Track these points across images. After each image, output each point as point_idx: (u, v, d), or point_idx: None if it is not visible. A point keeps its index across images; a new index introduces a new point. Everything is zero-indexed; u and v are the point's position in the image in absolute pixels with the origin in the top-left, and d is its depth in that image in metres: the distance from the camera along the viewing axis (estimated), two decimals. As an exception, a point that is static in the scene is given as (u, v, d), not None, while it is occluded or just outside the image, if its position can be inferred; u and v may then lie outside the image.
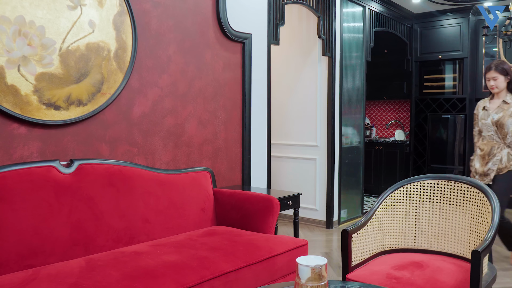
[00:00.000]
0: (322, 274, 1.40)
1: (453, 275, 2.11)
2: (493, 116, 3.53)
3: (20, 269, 2.10)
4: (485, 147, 3.59)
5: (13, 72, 2.31)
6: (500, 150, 3.52)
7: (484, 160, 3.59)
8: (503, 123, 3.47)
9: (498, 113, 3.52)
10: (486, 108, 3.61)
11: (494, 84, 3.51)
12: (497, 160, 3.52)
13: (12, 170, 2.20)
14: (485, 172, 3.58)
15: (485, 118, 3.59)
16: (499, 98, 3.58)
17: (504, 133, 3.50)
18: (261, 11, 3.97)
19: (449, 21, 6.53)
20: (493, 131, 3.55)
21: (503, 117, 3.49)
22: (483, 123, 3.60)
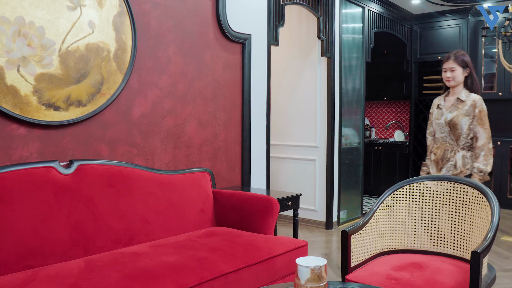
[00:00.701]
0: (322, 275, 1.40)
1: (452, 276, 2.11)
2: (446, 115, 3.11)
3: (19, 269, 2.09)
4: (438, 151, 3.18)
5: (12, 72, 2.31)
6: (454, 154, 3.09)
7: (438, 166, 3.18)
8: (457, 123, 3.04)
9: (452, 112, 3.09)
10: (441, 106, 3.19)
11: (451, 76, 3.09)
12: (451, 165, 3.09)
13: (11, 171, 2.20)
14: None
15: (438, 118, 3.18)
16: (454, 95, 3.15)
17: (457, 134, 3.07)
18: (261, 11, 3.97)
19: (448, 22, 6.53)
20: (446, 133, 3.12)
21: (456, 116, 3.05)
22: (437, 123, 3.18)
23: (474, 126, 3.02)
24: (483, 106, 3.02)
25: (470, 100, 3.04)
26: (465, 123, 3.03)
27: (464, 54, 3.11)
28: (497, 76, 6.39)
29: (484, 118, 3.00)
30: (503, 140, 6.32)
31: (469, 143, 3.06)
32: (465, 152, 3.06)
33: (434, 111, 3.24)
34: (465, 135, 3.05)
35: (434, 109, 3.25)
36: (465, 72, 3.09)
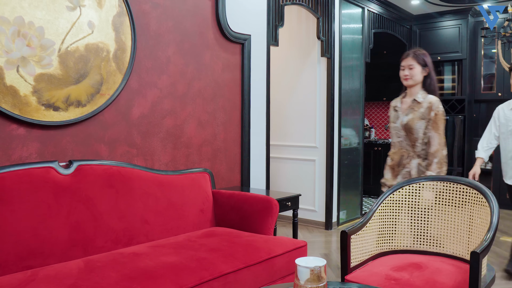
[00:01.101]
0: (321, 275, 1.40)
1: (452, 276, 2.11)
2: (402, 118, 2.87)
3: (18, 270, 2.09)
4: (395, 156, 2.94)
5: (12, 72, 2.31)
6: (409, 160, 2.85)
7: (394, 172, 2.96)
8: (412, 126, 2.80)
9: (408, 114, 2.85)
10: (397, 108, 2.95)
11: (408, 74, 2.85)
12: (406, 172, 2.86)
13: (11, 171, 2.19)
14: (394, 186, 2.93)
15: (394, 121, 2.93)
16: (411, 96, 2.91)
17: (413, 139, 2.82)
18: (261, 12, 3.97)
19: (448, 22, 6.54)
20: (402, 137, 2.88)
21: (412, 119, 2.81)
22: (393, 127, 2.93)
23: (428, 131, 2.78)
24: (440, 109, 2.78)
25: (427, 102, 2.81)
26: (420, 127, 2.79)
27: (425, 54, 2.90)
28: (496, 76, 6.39)
29: (439, 122, 2.76)
30: (502, 140, 6.31)
31: (426, 150, 2.83)
32: (421, 160, 2.82)
33: (392, 114, 2.99)
34: (421, 140, 2.81)
35: (391, 112, 3.01)
36: (424, 71, 2.86)
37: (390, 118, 2.99)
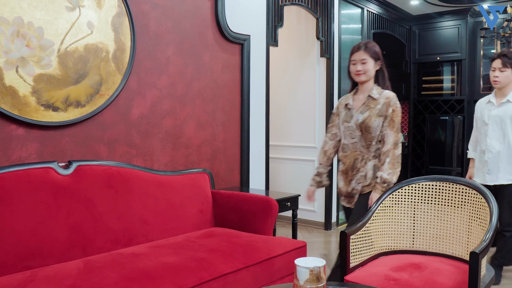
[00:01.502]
0: (321, 276, 1.40)
1: (451, 276, 2.11)
2: (357, 116, 2.62)
3: (18, 270, 2.09)
4: (348, 160, 2.68)
5: (11, 73, 2.31)
6: (364, 163, 2.61)
7: (347, 178, 2.68)
8: (369, 125, 2.57)
9: (364, 112, 2.61)
10: (349, 106, 2.69)
11: (361, 69, 2.60)
12: (361, 177, 2.62)
13: (10, 172, 2.19)
14: (349, 192, 2.68)
15: (348, 120, 2.67)
16: (364, 93, 2.67)
17: (369, 139, 2.59)
18: (260, 12, 3.97)
19: (447, 23, 6.54)
20: (357, 138, 2.62)
21: (369, 117, 2.58)
22: (346, 127, 2.67)
23: (384, 128, 2.58)
24: (398, 105, 2.60)
25: (383, 97, 2.60)
26: (378, 125, 2.57)
27: (376, 45, 2.66)
28: (495, 77, 6.39)
29: (396, 120, 2.58)
30: (501, 140, 6.31)
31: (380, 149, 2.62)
32: (377, 161, 2.61)
33: (341, 112, 2.73)
34: (377, 140, 2.60)
35: (341, 110, 2.75)
36: (376, 65, 2.65)
37: (341, 117, 2.72)
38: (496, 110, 3.36)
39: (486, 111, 3.43)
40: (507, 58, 3.27)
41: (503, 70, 3.28)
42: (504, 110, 3.33)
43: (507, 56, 3.27)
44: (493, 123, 3.36)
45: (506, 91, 3.34)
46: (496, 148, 3.34)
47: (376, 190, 2.55)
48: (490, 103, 3.42)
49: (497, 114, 3.35)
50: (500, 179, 3.31)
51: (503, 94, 3.35)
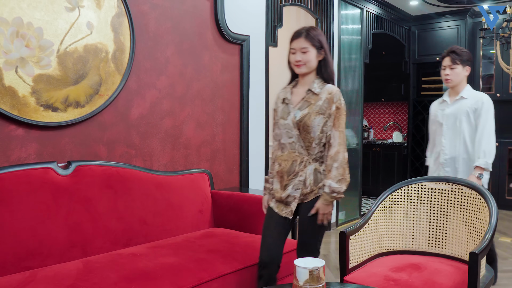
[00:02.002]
0: (320, 276, 1.41)
1: (450, 277, 2.11)
2: (295, 113, 2.24)
3: (17, 271, 2.09)
4: (284, 162, 2.27)
5: (10, 73, 2.31)
6: (304, 166, 2.22)
7: (283, 182, 2.27)
8: (308, 124, 2.19)
9: (303, 109, 2.23)
10: (287, 101, 2.30)
11: (302, 59, 2.23)
12: (299, 182, 2.23)
13: (9, 172, 2.19)
14: (283, 199, 2.26)
15: (284, 117, 2.27)
16: (304, 86, 2.30)
17: (309, 140, 2.21)
18: (259, 13, 3.97)
19: (446, 23, 6.55)
20: (295, 137, 2.23)
21: (308, 115, 2.20)
22: (282, 124, 2.28)
23: (328, 129, 2.21)
24: (342, 102, 2.23)
25: (326, 92, 2.22)
26: (318, 124, 2.19)
27: (320, 34, 2.29)
28: (495, 77, 6.41)
29: (341, 118, 2.22)
30: (501, 141, 6.33)
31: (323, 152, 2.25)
32: (318, 165, 2.24)
33: (279, 107, 2.34)
34: (318, 141, 2.21)
35: (278, 105, 2.35)
36: (319, 55, 2.26)
37: (278, 113, 2.33)
38: (450, 108, 3.16)
39: (439, 110, 3.24)
40: (456, 55, 3.08)
41: (453, 67, 3.10)
42: (459, 107, 3.12)
43: (456, 53, 3.09)
44: (447, 121, 3.16)
45: (459, 89, 3.15)
46: (452, 148, 3.13)
47: (324, 201, 2.18)
48: (444, 102, 3.24)
49: (451, 112, 3.15)
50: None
51: (456, 92, 3.17)
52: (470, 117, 3.06)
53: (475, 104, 3.05)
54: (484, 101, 3.03)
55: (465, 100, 3.11)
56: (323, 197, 2.19)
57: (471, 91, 3.13)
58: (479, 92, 3.13)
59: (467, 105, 3.08)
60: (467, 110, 3.07)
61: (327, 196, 2.17)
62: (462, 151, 3.10)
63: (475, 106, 3.05)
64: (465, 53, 3.09)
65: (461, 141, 3.10)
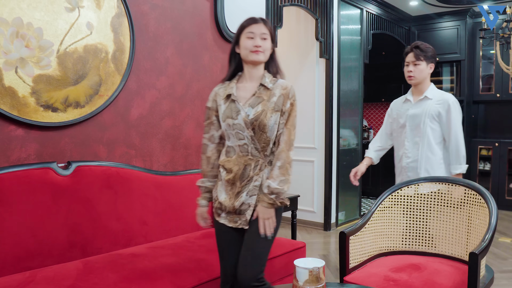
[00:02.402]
0: (320, 277, 1.40)
1: (450, 277, 2.11)
2: (247, 111, 1.96)
3: (17, 271, 2.09)
4: (235, 167, 1.98)
5: (10, 73, 2.31)
6: (259, 170, 1.97)
7: (235, 189, 1.98)
8: (265, 123, 1.94)
9: (254, 105, 1.97)
10: (234, 97, 1.99)
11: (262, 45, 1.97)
12: (254, 188, 1.96)
13: (9, 172, 2.19)
14: (236, 208, 1.97)
15: (232, 116, 1.97)
16: (253, 80, 2.02)
17: (265, 141, 1.97)
18: (259, 13, 3.97)
19: (446, 23, 6.55)
20: (248, 139, 1.95)
21: (263, 113, 1.95)
22: (230, 125, 1.97)
23: (281, 127, 1.99)
24: (296, 98, 2.04)
25: (280, 88, 2.01)
26: (275, 123, 1.96)
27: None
28: (495, 77, 6.41)
29: (293, 115, 2.01)
30: (500, 141, 6.33)
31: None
32: None
33: (221, 105, 2.02)
34: (274, 141, 2.01)
35: (220, 102, 2.03)
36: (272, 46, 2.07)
37: (221, 112, 2.01)
38: (414, 109, 2.89)
39: (403, 111, 2.95)
40: (420, 51, 2.87)
41: (417, 63, 2.87)
42: (422, 108, 2.85)
43: (420, 48, 2.88)
44: (410, 123, 2.89)
45: (423, 87, 2.90)
46: (415, 151, 2.86)
47: (262, 203, 1.92)
48: (407, 101, 2.96)
49: (414, 113, 2.88)
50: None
51: (420, 90, 2.91)
52: (435, 119, 2.82)
53: (440, 107, 2.81)
54: (451, 104, 2.79)
55: (429, 101, 2.85)
56: (261, 199, 1.93)
57: (435, 91, 2.90)
58: (444, 93, 2.88)
59: (432, 106, 2.83)
60: (432, 112, 2.82)
61: (266, 198, 1.91)
62: (426, 155, 2.83)
63: (440, 109, 2.80)
64: (429, 49, 2.89)
65: (424, 144, 2.83)
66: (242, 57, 2.01)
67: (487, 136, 6.70)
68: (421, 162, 2.84)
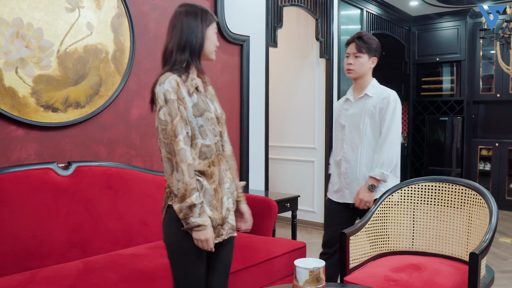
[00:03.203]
0: (320, 277, 1.40)
1: (451, 277, 2.11)
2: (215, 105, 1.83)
3: (17, 271, 2.09)
4: (216, 170, 1.76)
5: (10, 74, 2.31)
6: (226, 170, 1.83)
7: (218, 194, 1.75)
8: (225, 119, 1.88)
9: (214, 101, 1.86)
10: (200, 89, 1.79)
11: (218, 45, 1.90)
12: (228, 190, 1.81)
13: (9, 173, 2.19)
14: (224, 218, 1.76)
15: (208, 109, 1.76)
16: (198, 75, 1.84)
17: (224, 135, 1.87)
18: (259, 13, 3.97)
19: (446, 23, 6.55)
20: (219, 135, 1.80)
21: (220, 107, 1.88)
22: (208, 119, 1.74)
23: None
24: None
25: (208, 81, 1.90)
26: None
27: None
28: (495, 77, 6.41)
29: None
30: (501, 141, 6.33)
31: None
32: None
33: (194, 97, 1.73)
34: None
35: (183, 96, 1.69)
36: None
37: (197, 105, 1.72)
38: (354, 108, 2.62)
39: (343, 111, 2.68)
40: (363, 42, 2.61)
41: (358, 56, 2.59)
42: (362, 107, 2.58)
43: (362, 39, 2.62)
44: (350, 124, 2.61)
45: (364, 83, 2.64)
46: (355, 155, 2.57)
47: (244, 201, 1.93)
48: (348, 101, 2.69)
49: (353, 113, 2.60)
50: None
51: (361, 87, 2.64)
52: (375, 117, 2.54)
53: (380, 103, 2.54)
54: (391, 100, 2.53)
55: (370, 99, 2.58)
56: (242, 198, 1.92)
57: (377, 87, 2.62)
58: (386, 89, 2.61)
59: (372, 104, 2.56)
60: (371, 110, 2.54)
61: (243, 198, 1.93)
62: (365, 159, 2.55)
63: (380, 105, 2.54)
64: (373, 41, 2.64)
65: (364, 146, 2.55)
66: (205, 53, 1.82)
67: (487, 136, 6.70)
68: (360, 167, 2.55)
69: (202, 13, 1.78)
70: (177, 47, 1.75)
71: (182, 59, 1.75)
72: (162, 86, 1.66)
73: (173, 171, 1.63)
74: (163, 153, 1.68)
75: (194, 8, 1.79)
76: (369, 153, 2.54)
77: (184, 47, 1.75)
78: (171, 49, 1.76)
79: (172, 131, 1.65)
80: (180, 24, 1.76)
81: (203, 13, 1.79)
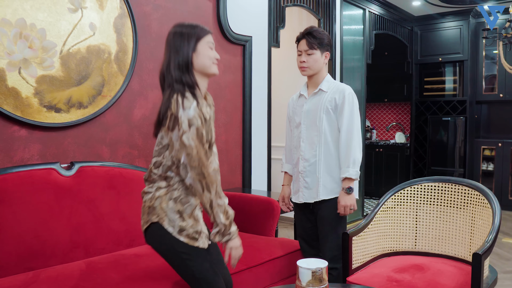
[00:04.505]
0: (323, 277, 1.40)
1: (454, 277, 2.11)
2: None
3: (20, 271, 2.10)
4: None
5: (14, 74, 2.32)
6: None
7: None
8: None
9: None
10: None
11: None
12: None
13: (12, 173, 2.20)
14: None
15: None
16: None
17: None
18: (262, 13, 3.97)
19: (449, 23, 6.54)
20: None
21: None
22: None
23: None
24: None
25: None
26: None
27: None
28: (498, 77, 6.39)
29: None
30: (504, 141, 6.31)
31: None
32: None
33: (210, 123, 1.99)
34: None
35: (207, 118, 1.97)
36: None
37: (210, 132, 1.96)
38: (309, 104, 2.52)
39: (298, 108, 2.59)
40: (314, 38, 2.47)
41: (310, 53, 2.47)
42: (317, 102, 2.49)
43: (313, 35, 2.47)
44: (305, 120, 2.51)
45: (318, 79, 2.52)
46: (313, 153, 2.48)
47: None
48: (302, 97, 2.59)
49: (309, 109, 2.51)
50: (321, 194, 2.44)
51: (315, 83, 2.54)
52: (331, 113, 2.44)
53: (336, 99, 2.44)
54: (346, 95, 2.43)
55: (325, 94, 2.48)
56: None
57: (331, 83, 2.53)
58: (341, 84, 2.52)
59: (327, 100, 2.46)
60: (327, 106, 2.45)
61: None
62: (324, 156, 2.45)
63: (336, 101, 2.44)
64: (324, 36, 2.51)
65: (321, 143, 2.45)
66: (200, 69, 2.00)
67: (490, 136, 6.68)
68: (319, 164, 2.46)
69: (190, 30, 1.87)
70: (167, 67, 1.93)
71: (177, 77, 1.89)
72: (187, 111, 1.77)
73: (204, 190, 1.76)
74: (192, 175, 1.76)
75: (181, 27, 1.88)
76: (328, 150, 2.44)
77: (176, 66, 1.90)
78: (163, 71, 1.94)
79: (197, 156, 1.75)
80: (168, 46, 1.90)
81: (190, 30, 1.87)
